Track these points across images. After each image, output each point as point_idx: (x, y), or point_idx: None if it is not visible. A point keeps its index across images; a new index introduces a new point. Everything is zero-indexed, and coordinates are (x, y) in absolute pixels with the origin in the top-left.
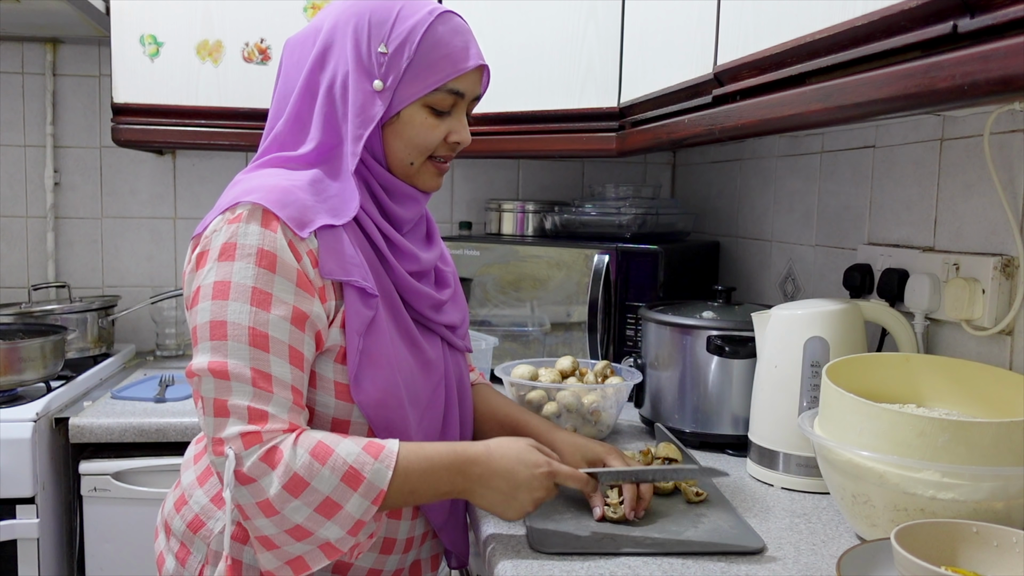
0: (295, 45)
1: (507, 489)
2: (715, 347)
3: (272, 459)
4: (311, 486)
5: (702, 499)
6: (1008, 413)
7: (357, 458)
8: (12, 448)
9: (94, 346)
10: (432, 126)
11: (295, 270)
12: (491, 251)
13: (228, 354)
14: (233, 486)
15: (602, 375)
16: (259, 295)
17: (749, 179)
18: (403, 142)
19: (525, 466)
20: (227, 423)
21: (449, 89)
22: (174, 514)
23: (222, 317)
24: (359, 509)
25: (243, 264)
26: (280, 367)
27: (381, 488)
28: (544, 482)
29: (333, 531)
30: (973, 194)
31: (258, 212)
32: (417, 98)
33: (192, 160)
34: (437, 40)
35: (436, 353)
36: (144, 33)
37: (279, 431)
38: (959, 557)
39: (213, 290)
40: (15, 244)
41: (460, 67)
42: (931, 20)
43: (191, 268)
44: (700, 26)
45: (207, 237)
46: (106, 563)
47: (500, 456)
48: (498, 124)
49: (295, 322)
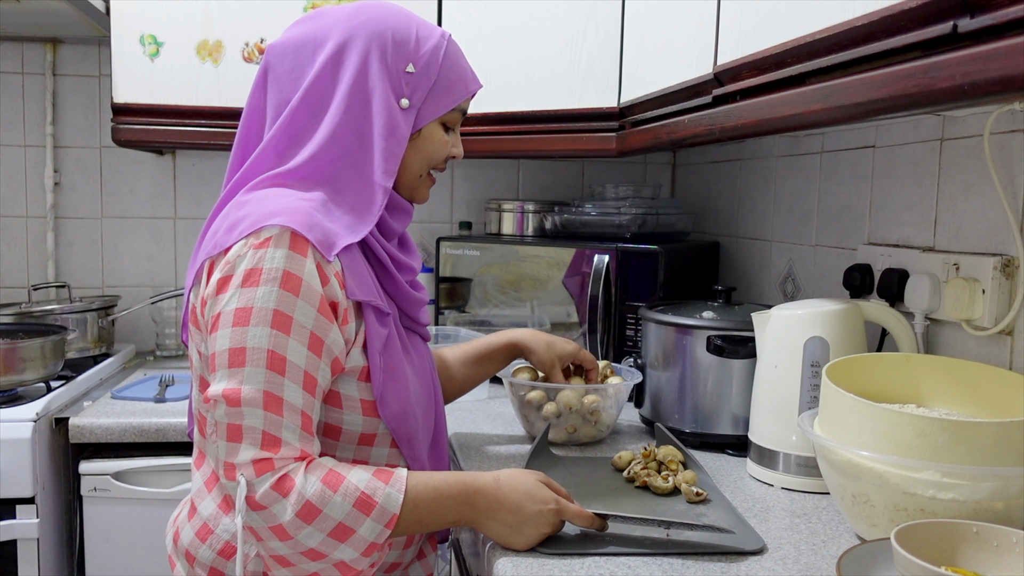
0: (286, 52)
1: (513, 523)
2: (715, 347)
3: (283, 487)
4: (324, 513)
5: (702, 499)
6: (1008, 413)
7: (368, 484)
8: (12, 448)
9: (94, 346)
10: (444, 142)
11: (319, 296)
12: (491, 251)
13: (244, 380)
14: (245, 512)
15: (602, 375)
16: (280, 318)
17: (749, 179)
18: (421, 156)
19: (533, 502)
20: (239, 448)
21: (460, 108)
22: (199, 544)
23: (241, 344)
24: (372, 532)
25: (267, 288)
26: (293, 392)
27: (394, 512)
28: (551, 519)
29: (347, 553)
30: (973, 194)
31: (286, 236)
32: (437, 116)
33: (192, 160)
34: (452, 63)
35: (420, 353)
36: (144, 33)
37: (290, 459)
38: (959, 557)
39: (234, 317)
40: (15, 244)
41: (472, 88)
42: (931, 20)
43: (211, 292)
44: (700, 26)
45: (230, 262)
46: (106, 563)
47: (509, 490)
48: (498, 124)
49: (312, 347)
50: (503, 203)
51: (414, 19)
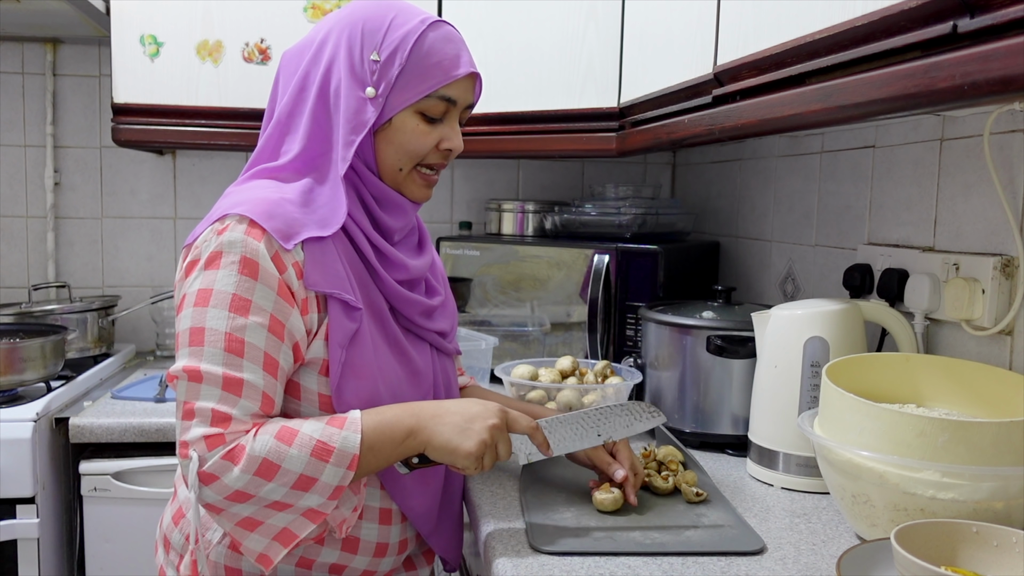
0: (291, 56)
1: (460, 422)
2: (715, 347)
3: (234, 456)
4: (282, 468)
5: (702, 499)
6: (1008, 413)
7: (323, 432)
8: (12, 448)
9: (94, 346)
10: (424, 132)
11: (276, 279)
12: (491, 251)
13: (203, 358)
14: (198, 487)
15: (602, 375)
16: (238, 301)
17: (749, 179)
18: (394, 148)
19: (475, 404)
20: (191, 426)
21: (440, 96)
22: (173, 528)
23: (201, 324)
24: (335, 477)
25: (226, 272)
26: (253, 373)
27: (354, 453)
28: (497, 413)
29: (314, 499)
30: (973, 194)
31: (244, 223)
32: (408, 104)
33: (192, 160)
34: (428, 48)
35: (425, 360)
36: (144, 33)
37: (242, 432)
38: (959, 557)
39: (196, 297)
40: (15, 244)
41: (451, 74)
42: (931, 20)
43: (180, 276)
44: (700, 26)
45: (197, 247)
46: (106, 563)
47: (452, 401)
48: (498, 124)
49: (272, 330)
50: (503, 203)
51: (396, 8)
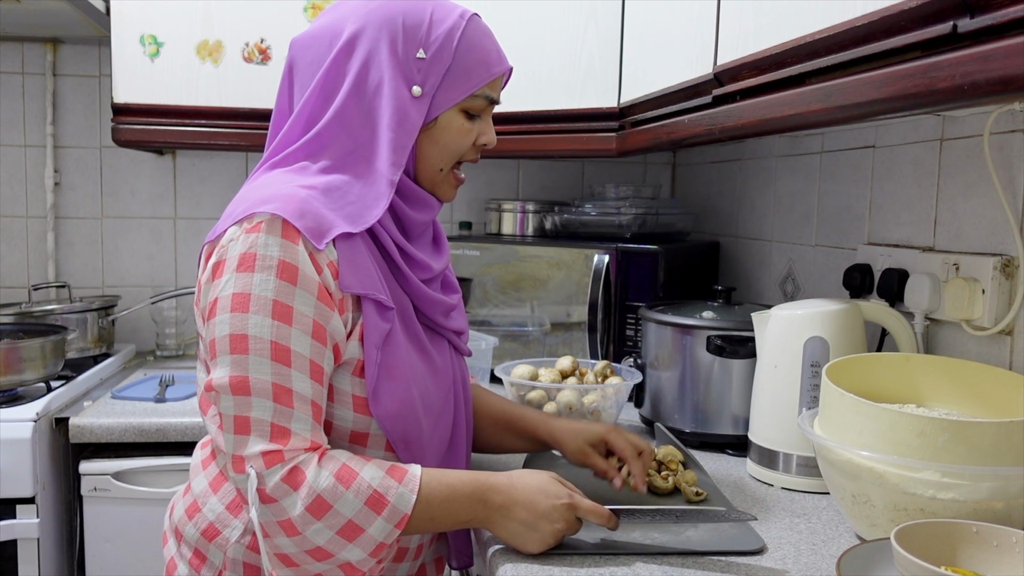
0: (307, 45)
1: (527, 520)
2: (715, 347)
3: (295, 480)
4: (334, 509)
5: (702, 499)
6: (1008, 413)
7: (381, 482)
8: (12, 448)
9: (94, 346)
10: (467, 131)
11: (316, 283)
12: (491, 251)
13: (249, 368)
14: (258, 506)
15: (602, 375)
16: (280, 308)
17: (749, 179)
18: (438, 148)
19: (546, 496)
20: (248, 440)
21: (484, 94)
22: (186, 521)
23: (243, 330)
24: (382, 532)
25: (263, 276)
26: (301, 382)
27: (405, 512)
28: (565, 514)
29: (355, 553)
30: (973, 194)
31: (277, 223)
32: (455, 103)
33: (192, 160)
34: (471, 44)
35: (444, 360)
36: (144, 33)
37: (301, 450)
38: (959, 557)
39: (232, 302)
40: (15, 244)
41: (495, 71)
42: (931, 20)
43: (207, 278)
44: (700, 26)
45: (223, 246)
46: (106, 563)
47: (522, 486)
48: (498, 124)
49: (316, 336)
50: (503, 203)
51: (431, 2)
